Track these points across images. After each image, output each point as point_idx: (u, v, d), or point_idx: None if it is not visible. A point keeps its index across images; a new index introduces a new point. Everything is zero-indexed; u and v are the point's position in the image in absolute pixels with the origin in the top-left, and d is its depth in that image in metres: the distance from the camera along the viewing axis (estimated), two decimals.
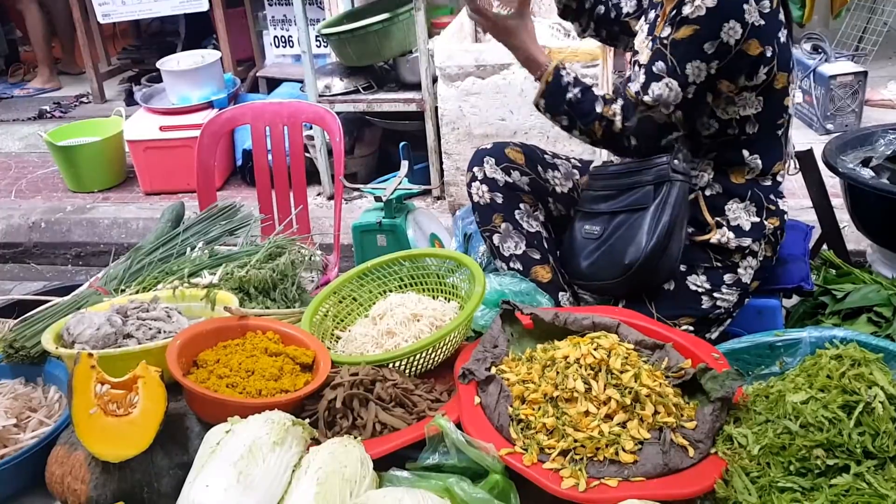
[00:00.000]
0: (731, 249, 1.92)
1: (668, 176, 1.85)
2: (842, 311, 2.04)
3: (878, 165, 2.42)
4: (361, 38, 3.62)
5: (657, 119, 1.86)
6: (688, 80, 1.79)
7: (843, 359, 1.46)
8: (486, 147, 2.11)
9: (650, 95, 1.82)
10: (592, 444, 1.45)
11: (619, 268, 1.88)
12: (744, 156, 1.91)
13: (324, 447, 1.42)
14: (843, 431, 1.37)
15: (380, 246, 2.54)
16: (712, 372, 1.59)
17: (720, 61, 1.77)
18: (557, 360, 1.56)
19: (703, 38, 1.75)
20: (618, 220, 1.91)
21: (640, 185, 1.88)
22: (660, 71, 1.81)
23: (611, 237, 1.92)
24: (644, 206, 1.87)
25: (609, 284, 1.94)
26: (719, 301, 1.94)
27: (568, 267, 2.04)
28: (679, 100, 1.81)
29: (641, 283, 1.91)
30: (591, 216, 1.98)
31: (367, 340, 1.82)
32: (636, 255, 1.85)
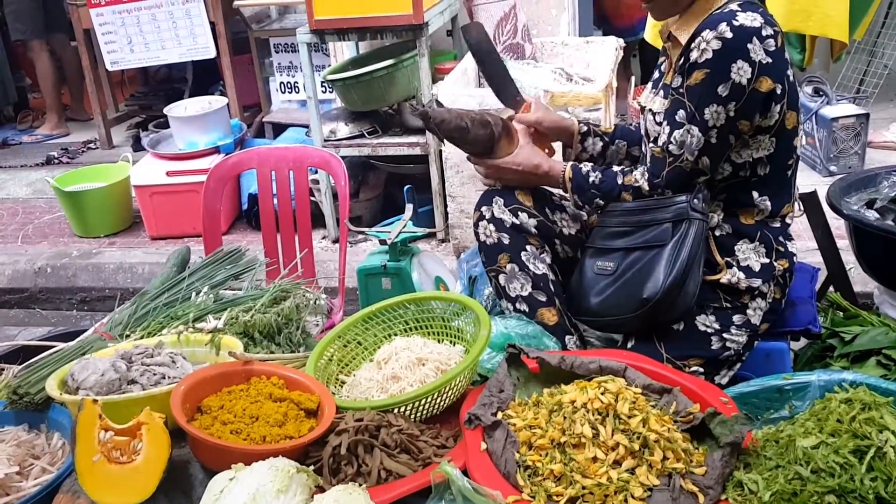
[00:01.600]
0: (741, 290, 1.92)
1: (688, 214, 1.85)
2: (850, 353, 2.02)
3: (882, 207, 2.43)
4: (366, 83, 3.67)
5: (685, 168, 1.86)
6: (707, 124, 1.80)
7: (853, 402, 1.44)
8: (495, 188, 2.11)
9: (675, 144, 1.84)
10: (601, 492, 1.43)
11: (635, 302, 1.86)
12: (753, 197, 1.92)
13: (328, 495, 1.40)
14: (854, 477, 1.35)
15: (385, 289, 2.54)
16: (721, 416, 1.57)
17: (736, 103, 1.78)
18: (564, 404, 1.55)
19: (716, 81, 1.77)
20: (633, 257, 1.90)
21: (658, 223, 1.87)
22: (681, 119, 1.83)
23: (625, 273, 1.90)
24: (662, 244, 1.86)
25: (622, 320, 1.92)
26: (728, 342, 1.93)
27: (576, 305, 2.03)
28: (702, 145, 1.82)
29: (656, 320, 1.89)
30: (604, 252, 1.97)
31: (372, 385, 1.81)
32: (654, 291, 1.83)
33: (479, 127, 2.03)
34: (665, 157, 1.87)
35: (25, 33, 5.66)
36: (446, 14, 3.88)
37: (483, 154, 2.08)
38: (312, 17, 3.51)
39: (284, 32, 4.88)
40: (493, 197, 2.08)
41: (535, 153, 2.07)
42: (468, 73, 3.75)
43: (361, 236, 3.86)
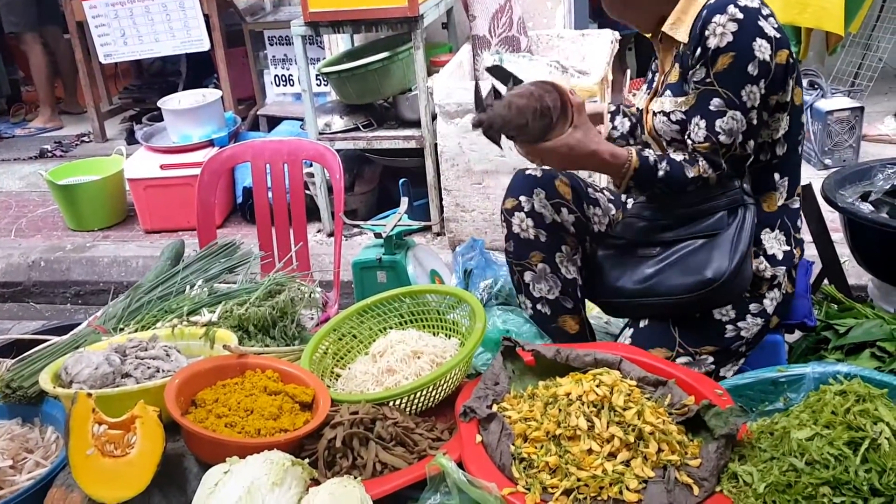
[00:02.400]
0: (763, 279, 1.91)
1: (743, 200, 1.84)
2: (844, 346, 2.03)
3: (877, 200, 2.43)
4: (361, 76, 3.66)
5: (738, 154, 1.82)
6: (746, 105, 1.77)
7: (848, 394, 1.45)
8: (533, 174, 1.98)
9: (723, 133, 1.78)
10: (596, 484, 1.43)
11: (696, 281, 1.83)
12: (775, 180, 1.92)
13: (323, 488, 1.40)
14: (849, 468, 1.36)
15: (380, 282, 2.53)
16: (716, 409, 1.57)
17: (766, 79, 1.77)
18: (560, 397, 1.55)
19: (744, 61, 1.75)
20: (685, 243, 1.88)
21: (712, 211, 1.86)
22: (718, 107, 1.78)
23: (675, 255, 1.88)
24: (718, 231, 1.84)
25: (673, 300, 1.88)
26: (742, 331, 1.92)
27: (607, 283, 1.98)
28: (745, 127, 1.79)
29: (711, 302, 1.88)
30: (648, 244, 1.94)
31: (368, 378, 1.80)
32: (720, 272, 1.81)
33: (538, 119, 1.73)
34: (718, 148, 1.79)
35: (18, 26, 5.63)
36: (441, 6, 3.87)
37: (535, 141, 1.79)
38: (307, 10, 3.49)
39: (279, 25, 4.86)
40: (535, 187, 1.94)
41: (590, 137, 1.78)
42: (463, 66, 3.74)
43: (357, 230, 3.85)
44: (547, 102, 1.72)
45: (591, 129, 1.80)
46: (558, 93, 1.75)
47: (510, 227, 1.97)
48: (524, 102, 1.71)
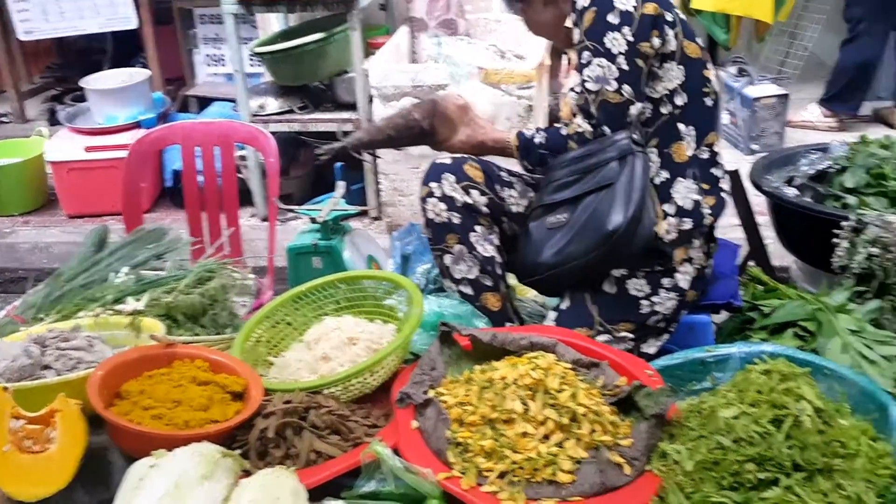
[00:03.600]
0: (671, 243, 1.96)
1: (631, 149, 1.88)
2: (769, 326, 2.08)
3: (801, 184, 2.51)
4: (297, 57, 3.59)
5: (612, 101, 1.89)
6: (611, 51, 1.86)
7: (772, 373, 1.49)
8: (444, 162, 2.07)
9: (591, 80, 1.89)
10: (530, 466, 1.44)
11: (600, 237, 1.87)
12: (680, 130, 1.98)
13: (255, 479, 1.37)
14: (773, 445, 1.40)
15: (315, 268, 2.49)
16: (647, 389, 1.60)
17: (630, 27, 1.86)
18: (495, 381, 1.55)
19: (604, 12, 1.86)
20: (586, 202, 1.91)
21: (605, 163, 1.90)
22: (586, 59, 1.89)
23: (581, 217, 1.91)
24: (612, 182, 1.88)
25: (584, 262, 1.91)
26: (657, 306, 1.97)
27: (528, 266, 2.01)
28: (616, 73, 1.87)
29: (620, 253, 1.91)
30: (553, 207, 1.97)
31: (302, 366, 1.77)
32: (618, 222, 1.85)
33: (406, 130, 2.09)
34: (588, 95, 1.91)
35: None
36: None
37: (426, 144, 2.14)
38: None
39: (209, 2, 4.71)
40: (443, 173, 2.03)
41: (476, 130, 2.08)
42: (401, 49, 3.71)
43: (292, 214, 3.79)
44: (415, 115, 2.08)
45: (478, 124, 2.10)
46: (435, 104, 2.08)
47: (425, 213, 2.06)
48: (383, 123, 2.13)
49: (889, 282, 2.05)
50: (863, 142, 2.57)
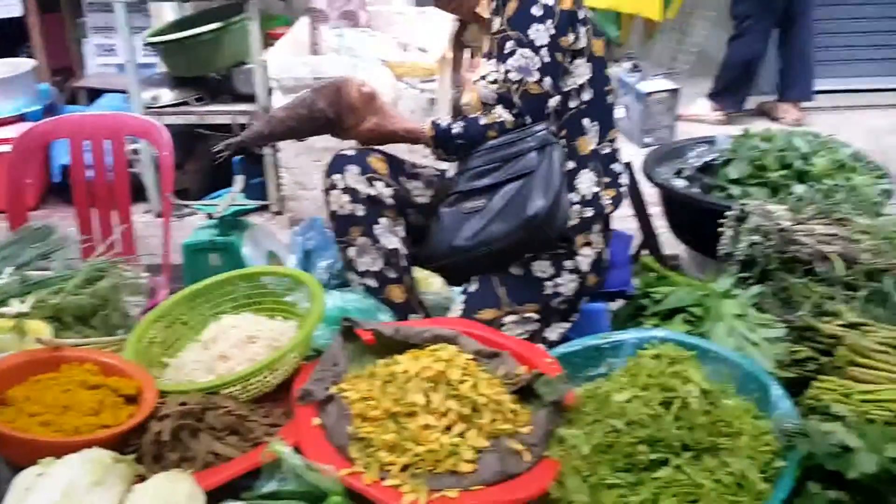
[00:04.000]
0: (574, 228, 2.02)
1: (550, 140, 1.93)
2: (660, 312, 2.15)
3: (689, 176, 2.62)
4: (192, 47, 3.48)
5: (533, 91, 1.93)
6: (535, 43, 1.90)
7: (662, 358, 1.56)
8: (347, 153, 2.05)
9: (513, 70, 1.91)
10: (432, 457, 1.45)
11: (521, 221, 1.91)
12: (585, 125, 2.04)
13: (148, 484, 1.34)
14: (663, 427, 1.46)
15: (213, 266, 2.43)
16: (545, 377, 1.64)
17: (552, 20, 1.90)
18: (398, 374, 1.56)
19: (529, 3, 1.90)
20: (505, 189, 1.94)
21: (525, 152, 1.93)
22: (510, 48, 1.92)
23: (499, 203, 1.94)
24: (531, 171, 1.91)
25: (499, 245, 1.95)
26: (560, 287, 2.03)
27: (443, 245, 2.01)
28: (539, 64, 1.91)
29: (538, 237, 1.95)
30: (471, 194, 1.98)
31: (198, 367, 1.73)
32: (541, 207, 1.89)
33: (310, 121, 2.02)
34: (510, 85, 1.93)
35: None
36: None
37: (330, 133, 2.07)
38: None
39: None
40: (346, 164, 2.01)
41: (386, 121, 2.04)
42: (301, 40, 3.64)
43: (188, 210, 3.68)
44: (319, 104, 2.01)
45: (387, 113, 2.05)
46: (339, 92, 2.02)
47: (329, 205, 2.04)
48: (285, 114, 2.05)
49: (770, 268, 2.16)
50: (745, 135, 2.71)
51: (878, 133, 4.22)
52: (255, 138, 2.09)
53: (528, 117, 1.95)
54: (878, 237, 2.13)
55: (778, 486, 1.41)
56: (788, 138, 2.56)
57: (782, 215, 2.19)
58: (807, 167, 2.47)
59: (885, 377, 1.61)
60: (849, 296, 2.06)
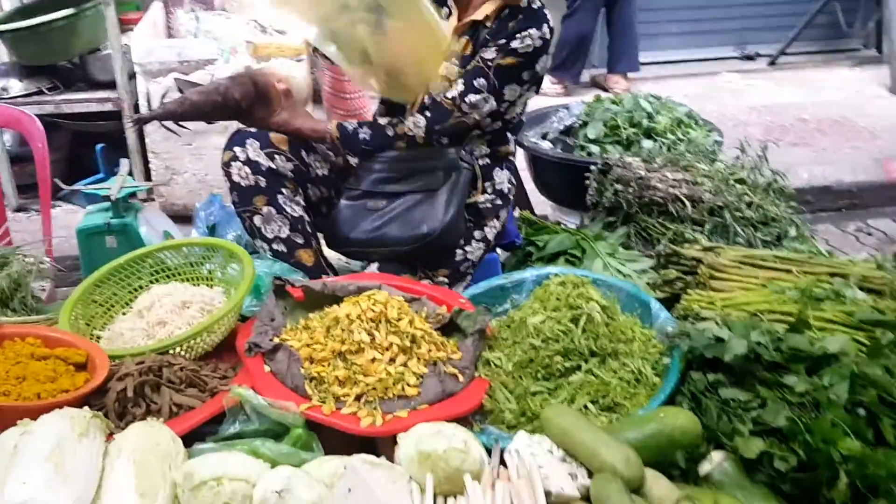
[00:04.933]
0: (486, 209, 2.24)
1: (458, 165, 2.10)
2: (544, 256, 2.45)
3: (553, 139, 2.92)
4: (43, 35, 3.37)
5: (469, 123, 2.10)
6: (503, 98, 2.09)
7: (567, 284, 1.81)
8: (248, 129, 2.13)
9: (467, 103, 2.08)
10: (382, 385, 1.63)
11: (413, 237, 2.08)
12: (508, 138, 2.28)
13: (130, 431, 1.42)
14: (573, 339, 1.72)
15: (109, 248, 2.43)
16: (465, 312, 1.86)
17: (530, 85, 2.12)
18: (341, 318, 1.71)
19: (524, 68, 2.08)
20: (406, 198, 2.10)
21: (431, 170, 2.10)
22: (480, 87, 2.07)
23: (398, 209, 2.10)
24: (435, 189, 2.08)
25: (395, 251, 2.12)
26: (469, 255, 2.24)
27: (340, 238, 2.16)
28: (493, 109, 2.10)
29: (428, 252, 2.13)
30: (375, 195, 2.13)
31: (137, 334, 1.80)
32: (433, 228, 2.06)
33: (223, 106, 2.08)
34: (454, 110, 2.09)
35: None
36: None
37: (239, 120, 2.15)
38: None
39: None
40: (247, 138, 2.09)
41: (294, 117, 2.15)
42: (158, 24, 3.62)
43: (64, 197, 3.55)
44: (234, 94, 2.07)
45: (297, 111, 2.15)
46: (257, 85, 2.09)
47: (230, 177, 2.10)
48: (199, 98, 2.08)
49: (631, 212, 2.50)
50: (597, 100, 3.05)
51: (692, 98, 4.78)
52: (166, 115, 2.15)
53: (445, 139, 2.11)
54: (716, 180, 2.52)
55: (667, 378, 1.70)
56: (635, 101, 2.92)
57: (638, 166, 2.53)
58: (652, 125, 2.84)
59: (738, 286, 1.96)
60: (697, 230, 2.44)
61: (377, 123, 2.16)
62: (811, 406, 1.54)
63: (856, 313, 1.77)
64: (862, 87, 5.14)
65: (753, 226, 2.48)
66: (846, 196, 4.03)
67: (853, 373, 1.53)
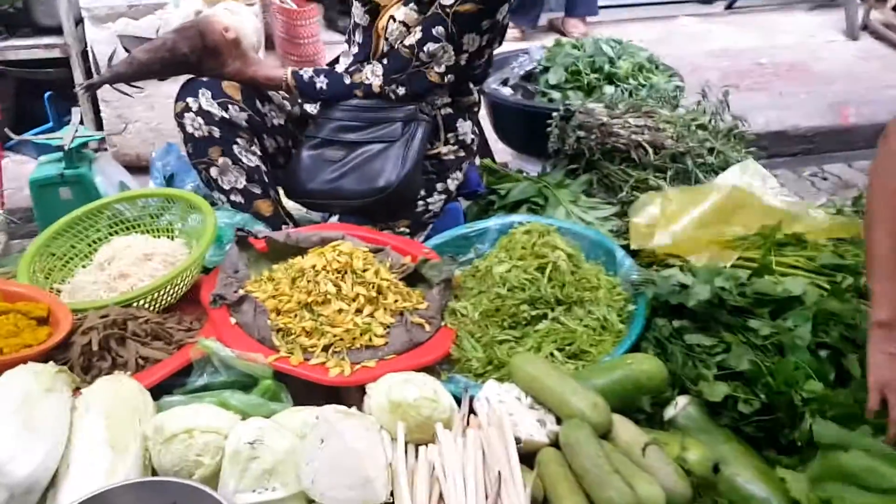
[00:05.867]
0: (448, 162, 2.22)
1: (417, 116, 2.06)
2: (507, 205, 2.44)
3: (514, 84, 2.90)
4: None
5: (430, 78, 2.04)
6: (462, 47, 2.02)
7: (532, 232, 1.83)
8: (201, 79, 2.07)
9: (426, 53, 2.01)
10: (349, 336, 1.64)
11: (369, 190, 2.05)
12: (470, 88, 2.23)
13: (97, 386, 1.41)
14: (540, 288, 1.74)
15: (64, 199, 2.37)
16: (431, 262, 1.87)
17: (491, 34, 2.05)
18: (306, 269, 1.71)
19: (484, 16, 2.00)
20: (364, 149, 2.06)
21: (390, 121, 2.05)
22: (438, 34, 2.00)
23: (355, 162, 2.06)
24: (392, 140, 2.05)
25: (353, 203, 2.10)
26: (431, 206, 2.23)
27: (298, 188, 2.13)
28: (452, 63, 2.03)
29: (386, 205, 2.10)
30: (334, 143, 2.08)
31: (99, 286, 1.77)
32: (389, 182, 2.03)
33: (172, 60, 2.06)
34: (412, 59, 2.03)
35: None
36: None
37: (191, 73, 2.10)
38: None
39: None
40: (200, 88, 2.04)
41: (246, 65, 2.10)
42: None
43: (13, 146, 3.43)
44: (182, 49, 2.05)
45: (249, 58, 2.11)
46: (204, 36, 2.06)
47: (184, 129, 2.06)
48: (147, 57, 2.06)
49: (594, 159, 2.51)
50: (557, 44, 3.02)
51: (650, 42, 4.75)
52: (115, 78, 2.11)
53: (401, 89, 2.05)
54: (677, 126, 2.53)
55: (632, 325, 1.74)
56: (596, 45, 2.90)
57: (601, 112, 2.53)
58: (614, 70, 2.83)
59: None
60: (659, 176, 2.46)
61: (334, 72, 2.12)
62: (775, 349, 1.59)
63: (817, 258, 1.81)
64: (818, 31, 5.18)
65: (715, 171, 2.50)
66: (802, 141, 4.09)
67: (816, 312, 1.57)
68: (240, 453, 1.31)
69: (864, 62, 4.65)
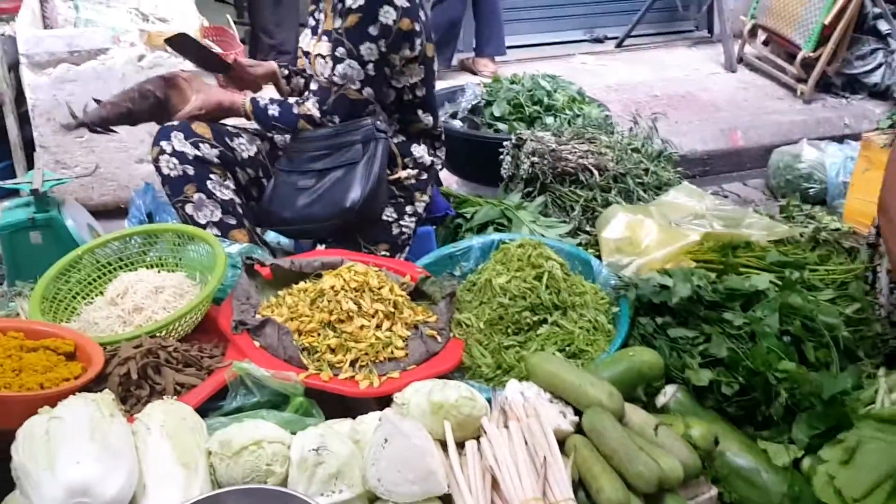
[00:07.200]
0: (411, 185, 2.34)
1: (374, 135, 2.18)
2: (474, 226, 2.61)
3: (463, 117, 3.08)
4: None
5: (351, 97, 2.17)
6: (363, 59, 2.14)
7: (525, 246, 1.99)
8: (172, 123, 2.18)
9: (338, 76, 2.15)
10: (373, 350, 1.74)
11: (338, 210, 2.15)
12: (419, 115, 2.36)
13: (152, 409, 1.44)
14: (539, 295, 1.90)
15: (34, 244, 2.35)
16: (430, 279, 1.99)
17: (386, 40, 2.15)
18: (326, 290, 1.80)
19: (367, 22, 2.12)
20: (331, 175, 2.18)
21: (351, 144, 2.17)
22: (342, 55, 2.14)
23: (325, 185, 2.17)
24: (355, 162, 2.16)
25: (323, 225, 2.21)
26: (404, 228, 2.36)
27: (273, 217, 2.24)
28: (363, 76, 2.15)
29: (359, 222, 2.22)
30: (304, 173, 2.20)
31: (113, 321, 1.79)
32: (355, 200, 2.14)
33: (141, 101, 2.24)
34: (330, 87, 2.18)
35: None
36: None
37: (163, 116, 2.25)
38: None
39: None
40: (171, 132, 2.16)
41: (211, 94, 2.25)
42: (36, 13, 3.42)
43: None
44: (148, 87, 2.26)
45: (210, 90, 2.29)
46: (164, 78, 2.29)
47: (160, 171, 2.18)
48: (119, 100, 2.26)
49: (547, 182, 2.72)
50: (495, 80, 3.25)
51: None
52: (96, 121, 2.23)
53: (336, 117, 2.19)
54: (616, 150, 2.78)
55: (620, 325, 1.92)
56: (534, 81, 3.14)
57: (549, 140, 2.75)
58: (552, 102, 3.07)
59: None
60: (604, 195, 2.69)
61: (286, 101, 2.26)
62: (747, 337, 1.81)
63: (766, 257, 2.07)
64: (700, 65, 5.68)
65: (651, 189, 2.76)
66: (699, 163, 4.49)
67: (781, 304, 1.81)
68: (306, 460, 1.38)
69: (745, 91, 5.14)
